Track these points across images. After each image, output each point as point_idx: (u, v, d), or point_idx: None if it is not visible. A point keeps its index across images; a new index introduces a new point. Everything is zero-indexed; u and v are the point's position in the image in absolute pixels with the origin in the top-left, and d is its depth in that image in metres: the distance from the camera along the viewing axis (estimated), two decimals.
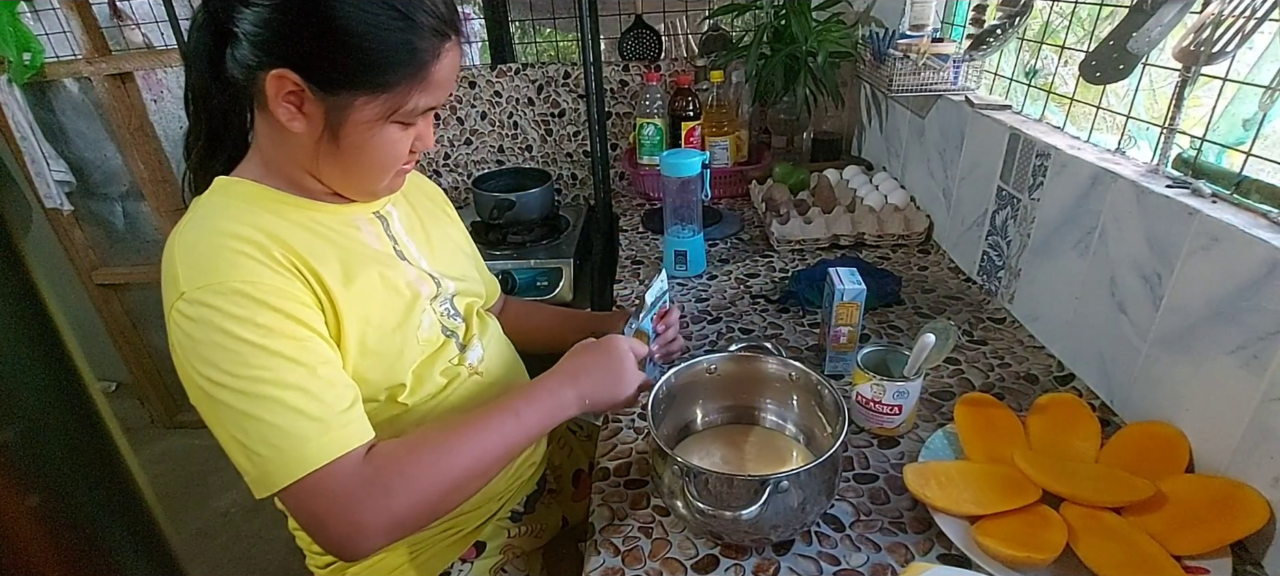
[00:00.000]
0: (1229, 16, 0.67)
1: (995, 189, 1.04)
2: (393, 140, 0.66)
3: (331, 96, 0.61)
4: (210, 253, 0.59)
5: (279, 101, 0.61)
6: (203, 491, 2.05)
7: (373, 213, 0.75)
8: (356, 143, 0.64)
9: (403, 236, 0.78)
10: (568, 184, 1.97)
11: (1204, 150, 0.73)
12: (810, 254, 1.26)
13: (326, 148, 0.64)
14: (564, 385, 0.70)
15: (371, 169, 0.68)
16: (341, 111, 0.62)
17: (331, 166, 0.67)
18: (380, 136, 0.65)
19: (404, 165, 0.70)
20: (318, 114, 0.62)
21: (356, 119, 0.63)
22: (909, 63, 1.17)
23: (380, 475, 0.59)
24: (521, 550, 0.87)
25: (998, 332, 0.98)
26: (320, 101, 0.61)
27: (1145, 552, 0.60)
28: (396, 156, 0.68)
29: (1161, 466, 0.68)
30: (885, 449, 0.78)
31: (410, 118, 0.65)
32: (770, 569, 0.64)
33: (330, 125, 0.63)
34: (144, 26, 1.84)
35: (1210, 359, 0.66)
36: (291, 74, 0.59)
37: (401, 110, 0.63)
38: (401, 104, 0.63)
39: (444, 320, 0.78)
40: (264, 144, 0.68)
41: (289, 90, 0.60)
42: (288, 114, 0.62)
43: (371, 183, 0.70)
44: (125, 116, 1.88)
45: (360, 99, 0.62)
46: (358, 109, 0.62)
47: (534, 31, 1.90)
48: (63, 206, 2.03)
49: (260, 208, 0.65)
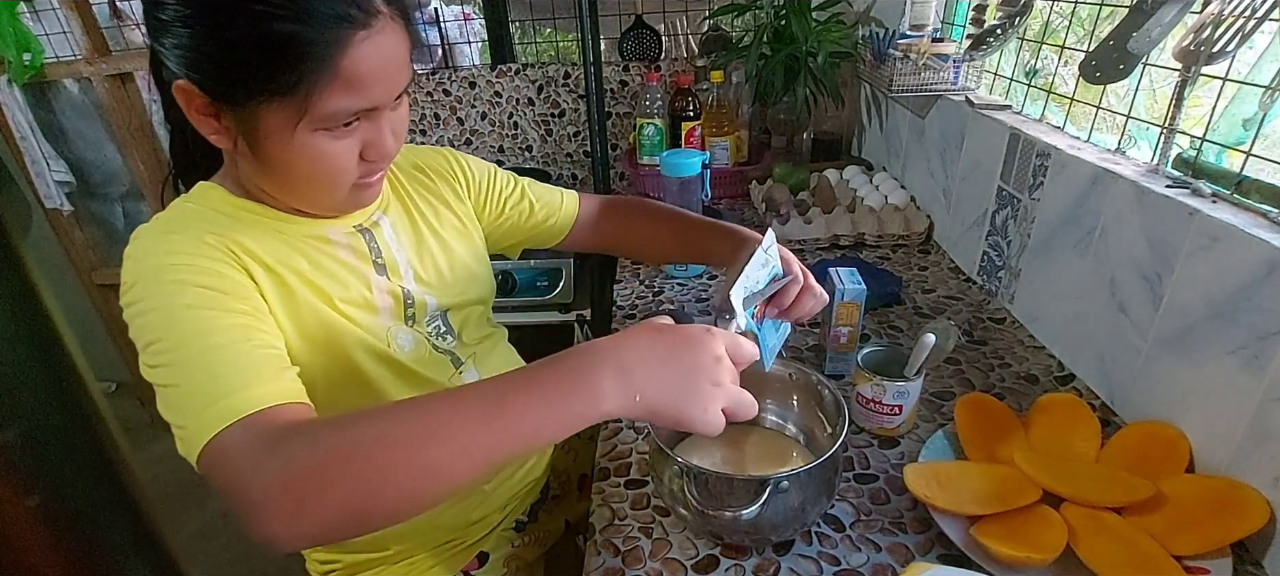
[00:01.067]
0: (1229, 16, 0.67)
1: (995, 189, 1.04)
2: (325, 153, 0.57)
3: (236, 107, 0.55)
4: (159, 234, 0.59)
5: (197, 117, 0.56)
6: (203, 491, 2.04)
7: (353, 226, 0.69)
8: (278, 157, 0.56)
9: (391, 247, 0.72)
10: (568, 184, 1.97)
11: (1204, 150, 0.73)
12: (810, 254, 1.26)
13: (252, 164, 0.59)
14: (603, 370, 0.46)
15: (311, 184, 0.60)
16: (251, 122, 0.55)
17: (267, 183, 0.61)
18: (305, 148, 0.56)
19: (364, 178, 0.62)
20: (234, 127, 0.56)
21: (267, 128, 0.55)
22: (909, 63, 1.17)
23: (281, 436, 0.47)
24: (525, 560, 0.87)
25: (998, 332, 0.98)
26: (228, 112, 0.56)
27: (1145, 552, 0.59)
28: (336, 170, 0.59)
29: (1161, 466, 0.68)
30: (885, 449, 0.78)
31: (333, 123, 0.55)
32: (770, 569, 0.64)
33: (247, 138, 0.56)
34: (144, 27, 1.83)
35: (1210, 359, 0.66)
36: (190, 86, 0.54)
37: (316, 115, 0.54)
38: (312, 108, 0.53)
39: (432, 339, 0.74)
40: (228, 164, 0.65)
41: (199, 104, 0.55)
42: (210, 129, 0.57)
43: (319, 199, 0.63)
44: (125, 117, 1.88)
45: (267, 106, 0.53)
46: (266, 118, 0.54)
47: (534, 32, 1.90)
48: (63, 206, 2.03)
49: (224, 215, 0.62)
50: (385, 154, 0.60)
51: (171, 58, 0.55)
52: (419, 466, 0.44)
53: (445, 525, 0.79)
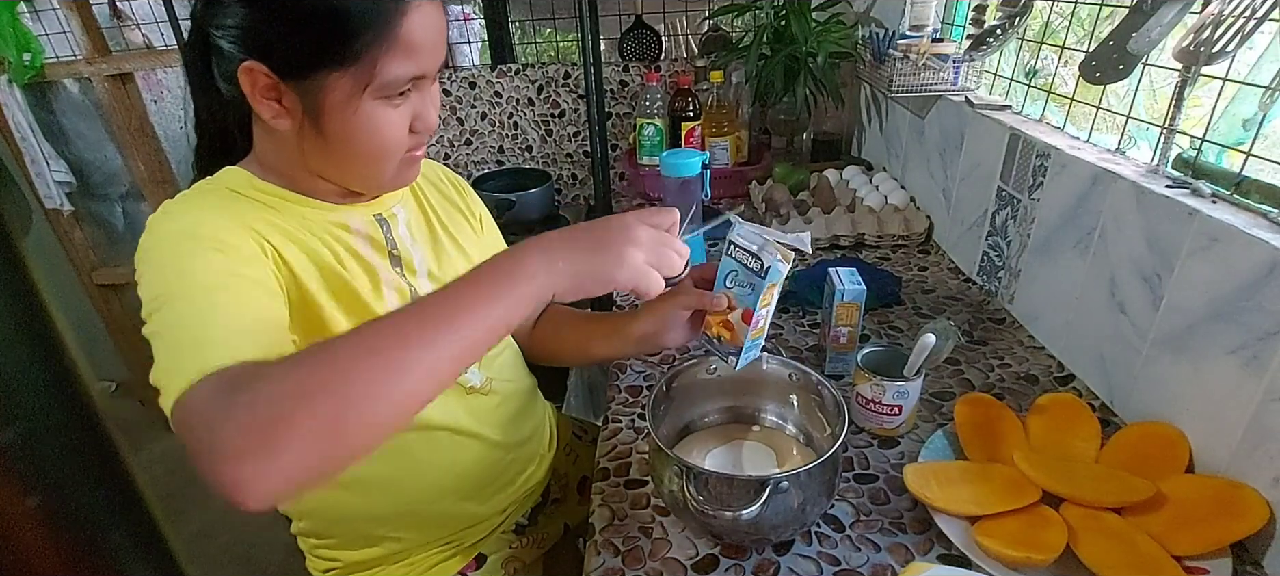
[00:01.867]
0: (1229, 16, 0.67)
1: (995, 189, 1.04)
2: (382, 121, 0.61)
3: (302, 82, 0.58)
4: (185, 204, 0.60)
5: (258, 99, 0.58)
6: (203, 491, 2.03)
7: (372, 215, 0.71)
8: (340, 129, 0.60)
9: (406, 240, 0.73)
10: (568, 184, 1.97)
11: (1204, 150, 0.73)
12: (810, 254, 1.26)
13: (313, 139, 0.61)
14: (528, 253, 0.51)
15: (367, 157, 0.63)
16: (316, 96, 0.58)
17: (325, 160, 0.64)
18: (365, 118, 0.59)
19: (411, 150, 0.65)
20: (296, 105, 0.59)
21: (332, 101, 0.58)
22: (909, 63, 1.17)
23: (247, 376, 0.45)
24: (523, 561, 0.87)
25: (998, 332, 0.98)
26: (294, 91, 0.58)
27: (1145, 553, 0.60)
28: (392, 140, 0.62)
29: (1161, 466, 0.68)
30: (885, 449, 0.78)
31: (392, 91, 0.59)
32: (770, 569, 0.64)
33: (309, 114, 0.59)
34: (144, 27, 1.84)
35: (1210, 359, 0.66)
36: (258, 65, 0.57)
37: (377, 82, 0.58)
38: (374, 74, 0.57)
39: None
40: (262, 147, 0.66)
41: (263, 84, 0.58)
42: (271, 111, 0.59)
43: (373, 173, 0.65)
44: (125, 117, 1.89)
45: (330, 77, 0.57)
46: (330, 89, 0.58)
47: (534, 32, 1.90)
48: (63, 207, 2.03)
49: (246, 197, 0.64)
50: (430, 125, 0.64)
51: (232, 39, 0.57)
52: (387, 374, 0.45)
53: (445, 522, 0.79)
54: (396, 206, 0.74)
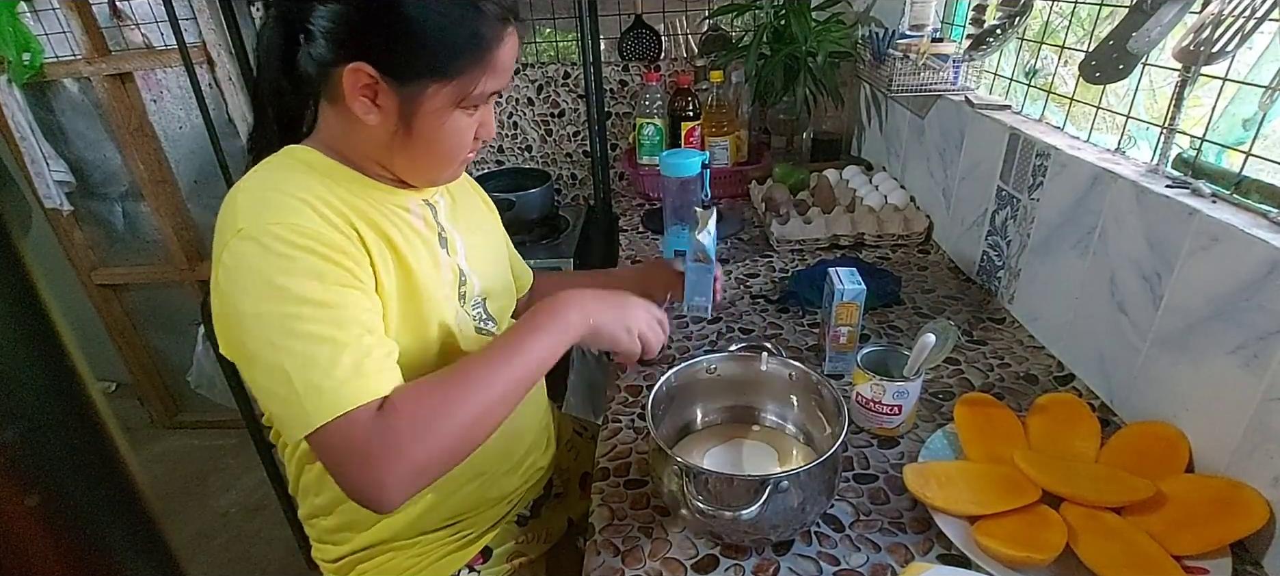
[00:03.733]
0: (1229, 16, 0.67)
1: (995, 189, 1.04)
2: (460, 128, 0.68)
3: (405, 87, 0.63)
4: (274, 199, 0.62)
5: (355, 95, 0.63)
6: (203, 491, 2.05)
7: (423, 199, 0.76)
8: (428, 131, 0.66)
9: (448, 226, 0.78)
10: (568, 184, 1.97)
11: (1204, 150, 0.73)
12: (810, 254, 1.26)
13: (400, 138, 0.66)
14: (568, 307, 0.70)
15: (441, 156, 0.70)
16: (414, 101, 0.64)
17: (403, 156, 0.68)
18: (450, 124, 0.67)
19: (469, 153, 0.72)
20: (392, 105, 0.64)
21: (428, 108, 0.64)
22: (909, 63, 1.17)
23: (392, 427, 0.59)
24: (528, 557, 0.87)
25: (998, 332, 0.98)
26: (394, 93, 0.63)
27: (1145, 552, 0.60)
28: (463, 144, 0.70)
29: (1161, 466, 0.68)
30: (885, 449, 0.78)
31: (477, 103, 0.67)
32: (770, 569, 0.64)
33: (404, 115, 0.65)
34: (144, 27, 1.83)
35: (1210, 359, 0.66)
36: (367, 67, 0.61)
37: (469, 96, 0.65)
38: (469, 89, 0.65)
39: (478, 322, 0.79)
40: (332, 133, 0.69)
41: (364, 83, 0.62)
42: (364, 107, 0.64)
43: (439, 170, 0.72)
44: (125, 117, 1.89)
45: (432, 87, 0.64)
46: (429, 98, 0.64)
47: (534, 31, 1.89)
48: (62, 206, 2.03)
49: (321, 174, 0.67)
50: (491, 133, 0.73)
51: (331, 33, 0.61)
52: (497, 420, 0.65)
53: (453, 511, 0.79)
54: (437, 195, 0.79)
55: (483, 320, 0.80)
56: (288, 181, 0.64)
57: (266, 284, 0.58)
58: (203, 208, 2.09)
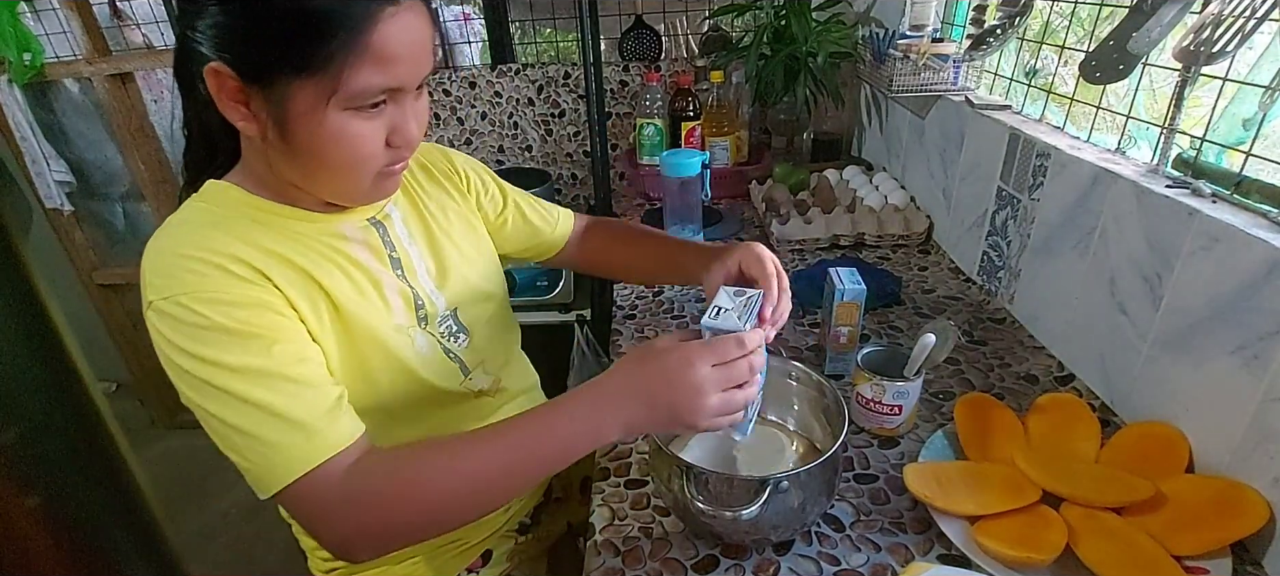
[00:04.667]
0: (1229, 16, 0.67)
1: (995, 189, 1.04)
2: (352, 133, 0.57)
3: (266, 87, 0.55)
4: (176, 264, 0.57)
5: (226, 103, 0.56)
6: (203, 491, 2.05)
7: (366, 220, 0.69)
8: (306, 139, 0.56)
9: (403, 241, 0.72)
10: (568, 184, 1.97)
11: (1204, 150, 0.73)
12: (810, 254, 1.26)
13: (279, 148, 0.58)
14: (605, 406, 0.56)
15: (336, 169, 0.60)
16: (281, 104, 0.55)
17: (294, 170, 0.61)
18: (332, 129, 0.56)
19: (389, 165, 0.62)
20: (262, 110, 0.56)
21: (297, 109, 0.55)
22: (909, 63, 1.17)
23: (364, 492, 0.56)
24: (528, 556, 0.87)
25: (998, 333, 0.98)
26: (258, 94, 0.55)
27: (1145, 553, 0.60)
28: (365, 155, 0.59)
29: (1161, 466, 0.68)
30: (885, 449, 0.78)
31: (361, 102, 0.56)
32: (770, 569, 0.64)
33: (276, 121, 0.56)
34: (144, 27, 1.84)
35: (1210, 359, 0.66)
36: (223, 67, 0.54)
37: (346, 92, 0.54)
38: (341, 84, 0.54)
39: (444, 341, 0.74)
40: (246, 153, 0.64)
41: (230, 88, 0.55)
42: (238, 115, 0.57)
43: (345, 186, 0.62)
44: (125, 117, 1.89)
45: (294, 83, 0.54)
46: (294, 97, 0.54)
47: (534, 32, 1.90)
48: (63, 207, 2.03)
49: (240, 215, 0.62)
50: (410, 140, 0.61)
51: (204, 40, 0.55)
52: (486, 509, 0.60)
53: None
54: (390, 207, 0.73)
55: (451, 334, 0.75)
56: (195, 238, 0.59)
57: (191, 358, 0.55)
58: None
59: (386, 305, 0.68)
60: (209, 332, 0.55)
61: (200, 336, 0.55)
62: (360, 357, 0.65)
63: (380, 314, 0.67)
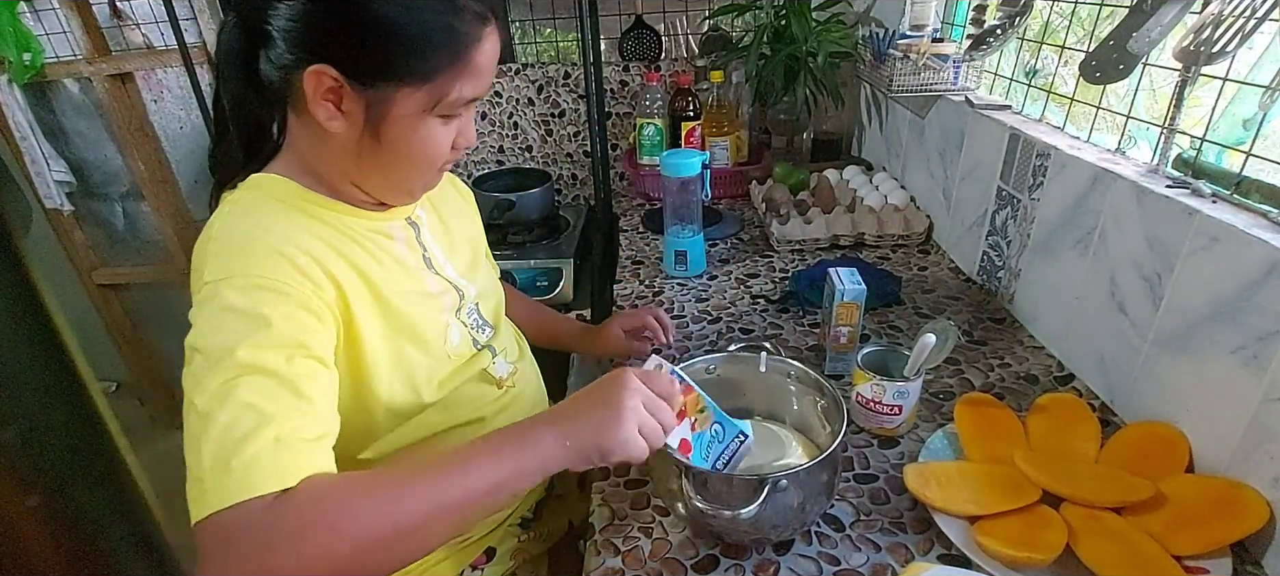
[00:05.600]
0: (1229, 16, 0.67)
1: (995, 189, 1.04)
2: (436, 137, 0.63)
3: (371, 90, 0.58)
4: (244, 247, 0.57)
5: (318, 100, 0.58)
6: None
7: (405, 219, 0.73)
8: (398, 139, 0.61)
9: (431, 243, 0.76)
10: (568, 184, 1.97)
11: (1204, 150, 0.73)
12: (810, 254, 1.26)
13: (368, 146, 0.61)
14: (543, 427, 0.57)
15: (414, 167, 0.65)
16: (382, 106, 0.59)
17: (372, 167, 0.64)
18: (423, 132, 0.61)
19: (446, 163, 0.67)
20: (357, 111, 0.59)
21: (398, 113, 0.59)
22: (909, 63, 1.17)
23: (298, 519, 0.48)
24: (530, 554, 0.87)
25: (998, 332, 0.98)
26: (360, 97, 0.58)
27: (1145, 552, 0.60)
28: (439, 154, 0.65)
29: (1161, 466, 0.68)
30: (885, 449, 0.78)
31: (453, 110, 0.62)
32: (770, 569, 0.64)
33: (371, 122, 0.60)
34: (144, 27, 1.84)
35: (1210, 359, 0.66)
36: (329, 69, 0.56)
37: (444, 101, 0.60)
38: (444, 94, 0.60)
39: (473, 332, 0.77)
40: (301, 147, 0.65)
41: (328, 87, 0.58)
42: (327, 113, 0.59)
43: (413, 182, 0.68)
44: (125, 117, 1.88)
45: (402, 91, 0.58)
46: (399, 102, 0.59)
47: (534, 31, 1.89)
48: (63, 206, 2.03)
49: (293, 206, 0.63)
50: (470, 142, 0.67)
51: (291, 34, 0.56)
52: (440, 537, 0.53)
53: None
54: (419, 210, 0.76)
55: (478, 326, 0.78)
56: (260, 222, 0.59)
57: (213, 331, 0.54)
58: (203, 207, 2.08)
59: (427, 297, 0.71)
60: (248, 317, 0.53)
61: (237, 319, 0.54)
62: (398, 351, 0.67)
63: (423, 308, 0.69)
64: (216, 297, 0.54)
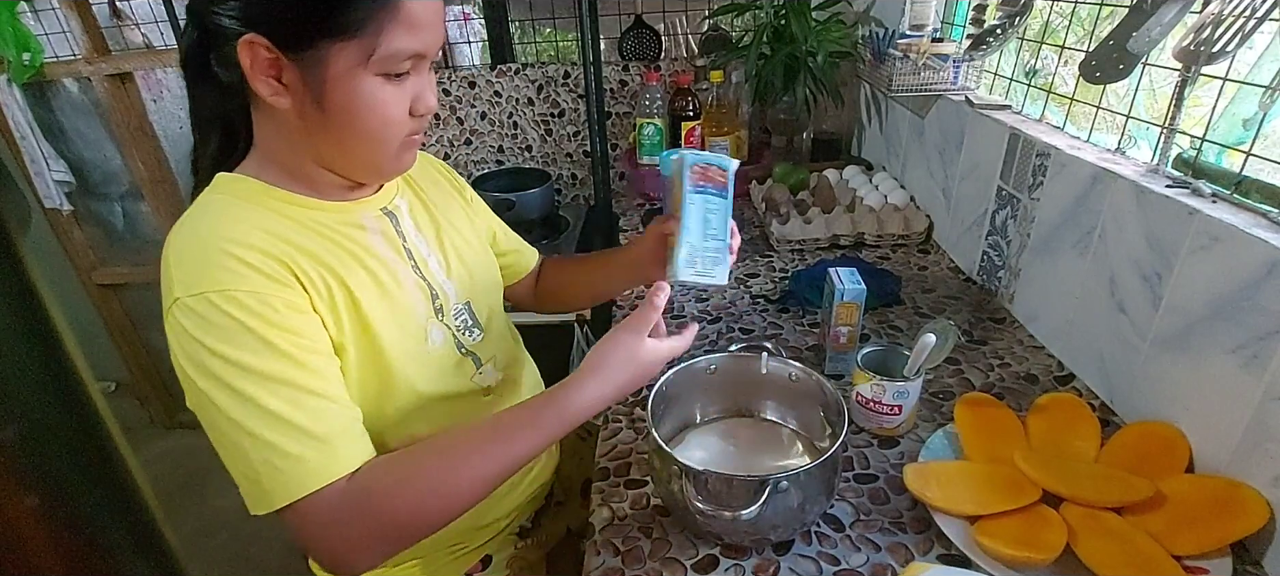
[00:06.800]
0: (1229, 16, 0.67)
1: (995, 189, 1.04)
2: (384, 99, 0.60)
3: (303, 54, 0.57)
4: (206, 258, 0.57)
5: (257, 76, 0.57)
6: (202, 490, 2.05)
7: (380, 209, 0.71)
8: (343, 104, 0.59)
9: (412, 234, 0.74)
10: (568, 184, 1.97)
11: (1204, 150, 0.73)
12: (810, 254, 1.26)
13: (314, 118, 0.60)
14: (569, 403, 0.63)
15: (368, 136, 0.62)
16: (317, 68, 0.57)
17: (326, 142, 0.62)
18: (367, 92, 0.59)
19: (410, 133, 0.65)
20: (296, 80, 0.58)
21: (334, 73, 0.57)
22: (909, 63, 1.17)
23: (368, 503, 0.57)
24: (527, 560, 0.87)
25: (998, 332, 0.98)
26: (295, 65, 0.57)
27: (1145, 552, 0.60)
28: (393, 119, 0.62)
29: (1161, 466, 0.68)
30: (885, 449, 0.78)
31: (394, 66, 0.59)
32: (770, 569, 0.64)
33: (311, 88, 0.58)
34: (144, 26, 1.84)
35: (1210, 359, 0.66)
36: (258, 38, 0.55)
37: (380, 54, 0.57)
38: (377, 45, 0.57)
39: (458, 333, 0.75)
40: (266, 141, 0.65)
41: (263, 59, 0.57)
42: (270, 89, 0.58)
43: (375, 155, 0.64)
44: (125, 116, 1.89)
45: (333, 48, 0.56)
46: (332, 60, 0.57)
47: (534, 31, 1.90)
48: (62, 206, 2.03)
49: (260, 206, 0.62)
50: (430, 106, 0.65)
51: (233, 14, 0.56)
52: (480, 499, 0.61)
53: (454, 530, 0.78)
54: (398, 198, 0.74)
55: (466, 328, 0.76)
56: (219, 230, 0.59)
57: (214, 356, 0.55)
58: None
59: (405, 298, 0.69)
60: (238, 333, 0.55)
61: (229, 336, 0.55)
62: (375, 353, 0.65)
63: (398, 308, 0.67)
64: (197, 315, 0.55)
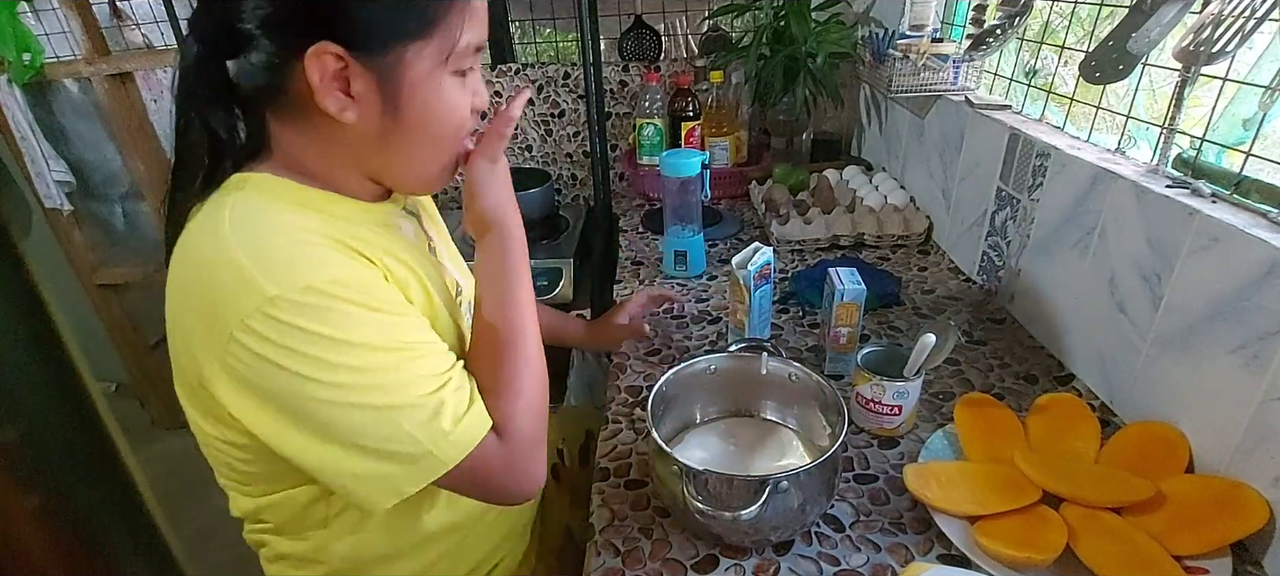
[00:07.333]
0: (1229, 16, 0.67)
1: (995, 189, 1.04)
2: (456, 99, 0.58)
3: (380, 57, 0.53)
4: (293, 251, 0.52)
5: (327, 90, 0.52)
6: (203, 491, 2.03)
7: (403, 208, 0.69)
8: (421, 106, 0.56)
9: (433, 233, 0.74)
10: (568, 184, 1.97)
11: (1204, 150, 0.73)
12: (810, 254, 1.26)
13: (390, 127, 0.56)
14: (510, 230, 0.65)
15: (441, 142, 0.60)
16: (395, 72, 0.53)
17: (399, 151, 0.58)
18: (443, 92, 0.57)
19: (471, 134, 0.63)
20: (370, 88, 0.54)
21: (414, 76, 0.54)
22: (909, 63, 1.17)
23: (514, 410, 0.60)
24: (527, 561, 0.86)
25: (998, 332, 0.98)
26: (370, 70, 0.53)
27: (1145, 552, 0.60)
28: (463, 119, 0.60)
29: (1161, 466, 0.68)
30: (885, 449, 0.78)
31: (464, 62, 0.57)
32: (770, 569, 0.64)
33: (388, 95, 0.54)
34: (144, 27, 1.84)
35: (1210, 359, 0.66)
36: (330, 45, 0.51)
37: (454, 51, 0.55)
38: (453, 41, 0.55)
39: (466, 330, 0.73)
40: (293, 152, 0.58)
41: (333, 70, 0.52)
42: (338, 103, 0.53)
43: (441, 161, 0.62)
44: (125, 117, 1.88)
45: (412, 48, 0.53)
46: (411, 62, 0.54)
47: (534, 32, 1.90)
48: (63, 207, 2.03)
49: (300, 204, 0.57)
50: (484, 103, 0.63)
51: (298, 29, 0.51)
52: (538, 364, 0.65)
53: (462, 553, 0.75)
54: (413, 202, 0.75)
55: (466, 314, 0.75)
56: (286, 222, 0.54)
57: (338, 345, 0.50)
58: None
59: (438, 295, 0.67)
60: (361, 315, 0.52)
61: (348, 321, 0.51)
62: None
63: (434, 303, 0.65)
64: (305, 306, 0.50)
